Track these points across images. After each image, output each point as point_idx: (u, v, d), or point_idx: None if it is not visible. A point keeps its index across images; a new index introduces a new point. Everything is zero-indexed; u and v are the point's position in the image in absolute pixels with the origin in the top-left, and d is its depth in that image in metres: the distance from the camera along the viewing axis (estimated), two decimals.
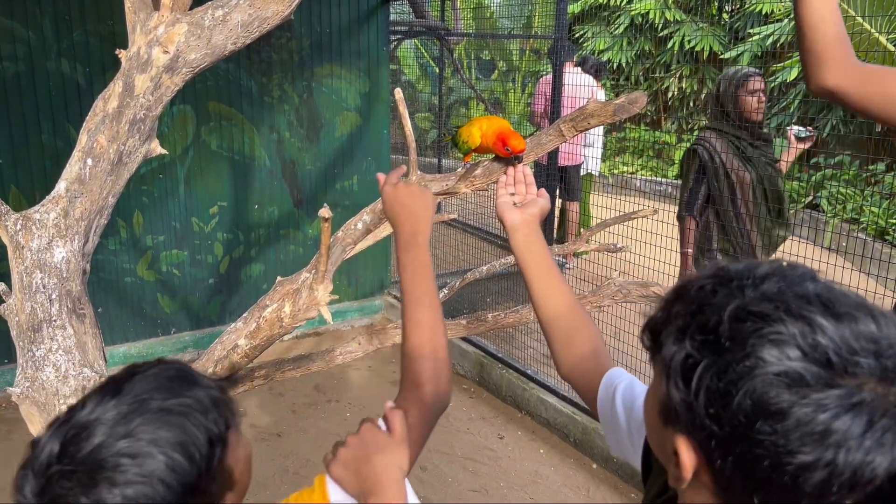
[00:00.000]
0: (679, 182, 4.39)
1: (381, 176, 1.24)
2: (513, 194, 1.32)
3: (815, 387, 0.61)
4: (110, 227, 3.98)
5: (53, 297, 1.59)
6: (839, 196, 6.84)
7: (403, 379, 1.09)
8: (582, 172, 6.08)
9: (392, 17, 5.13)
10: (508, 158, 1.57)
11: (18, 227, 1.60)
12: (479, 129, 1.59)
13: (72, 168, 1.64)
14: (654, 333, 0.73)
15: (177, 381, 0.85)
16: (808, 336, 0.62)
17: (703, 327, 0.67)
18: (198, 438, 0.81)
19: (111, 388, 0.83)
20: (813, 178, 7.24)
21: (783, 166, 3.27)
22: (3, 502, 3.03)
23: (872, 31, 4.89)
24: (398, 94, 1.57)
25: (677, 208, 3.39)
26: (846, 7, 5.14)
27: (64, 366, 1.59)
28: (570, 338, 1.14)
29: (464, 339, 4.20)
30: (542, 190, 1.31)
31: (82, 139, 1.65)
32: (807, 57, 1.23)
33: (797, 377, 0.61)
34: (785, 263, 0.70)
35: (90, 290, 1.75)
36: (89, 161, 1.63)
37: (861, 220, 6.49)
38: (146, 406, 0.81)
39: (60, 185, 1.63)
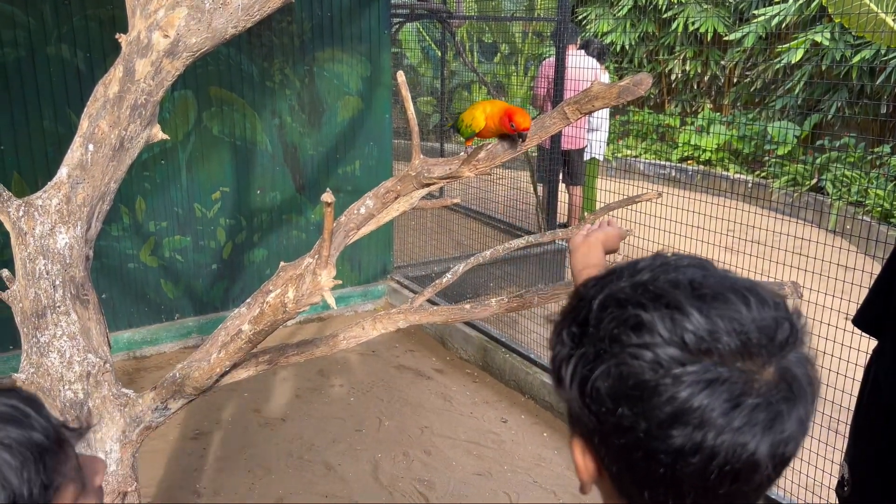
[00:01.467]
0: None
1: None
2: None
3: (670, 367, 0.60)
4: (113, 213, 3.98)
5: (57, 283, 1.59)
6: (844, 178, 6.81)
7: None
8: (586, 157, 6.05)
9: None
10: (513, 136, 1.56)
11: (21, 213, 1.60)
12: (483, 111, 1.58)
13: (73, 154, 1.63)
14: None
15: (2, 420, 0.72)
16: (666, 319, 0.61)
17: (576, 320, 0.67)
18: None
19: None
20: (817, 161, 7.20)
21: None
22: None
23: (879, 12, 4.84)
24: (400, 76, 1.56)
25: None
26: None
27: (68, 351, 1.59)
28: None
29: (467, 323, 4.20)
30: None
31: (83, 124, 1.64)
32: None
33: (653, 359, 0.61)
34: (670, 254, 0.70)
35: (94, 277, 1.75)
36: (91, 147, 1.62)
37: (866, 202, 6.46)
38: None
39: (62, 171, 1.63)
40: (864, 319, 1.72)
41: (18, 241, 1.60)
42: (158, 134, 1.71)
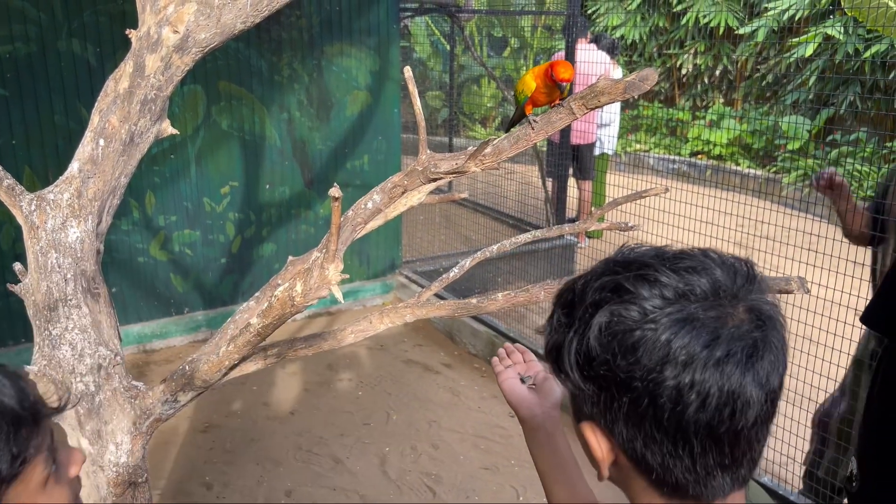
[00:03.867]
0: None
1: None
2: (509, 367, 1.25)
3: (653, 314, 0.67)
4: (123, 207, 4.00)
5: (68, 276, 1.61)
6: (856, 174, 6.76)
7: None
8: (597, 152, 6.03)
9: None
10: (558, 85, 1.68)
11: (33, 207, 1.61)
12: (531, 73, 1.71)
13: (84, 148, 1.64)
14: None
15: None
16: (643, 281, 0.68)
17: (563, 306, 0.74)
18: None
19: None
20: (829, 156, 7.15)
21: None
22: None
23: (892, 5, 4.80)
24: (407, 71, 1.56)
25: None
26: None
27: (80, 344, 1.61)
28: None
29: (475, 318, 4.21)
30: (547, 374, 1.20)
31: (94, 119, 1.65)
32: None
33: (640, 311, 0.67)
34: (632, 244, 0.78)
35: (104, 270, 1.77)
36: (101, 141, 1.63)
37: None
38: None
39: (73, 166, 1.64)
40: (875, 317, 1.71)
41: (31, 235, 1.61)
42: (168, 129, 1.72)
